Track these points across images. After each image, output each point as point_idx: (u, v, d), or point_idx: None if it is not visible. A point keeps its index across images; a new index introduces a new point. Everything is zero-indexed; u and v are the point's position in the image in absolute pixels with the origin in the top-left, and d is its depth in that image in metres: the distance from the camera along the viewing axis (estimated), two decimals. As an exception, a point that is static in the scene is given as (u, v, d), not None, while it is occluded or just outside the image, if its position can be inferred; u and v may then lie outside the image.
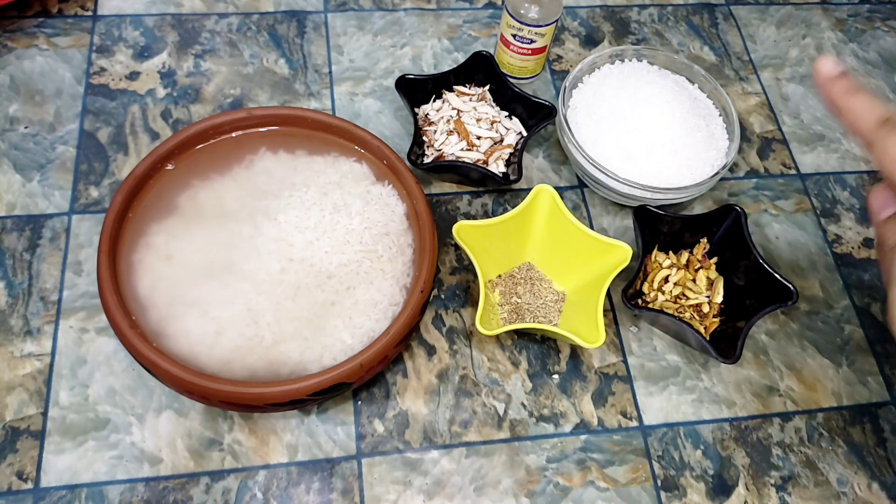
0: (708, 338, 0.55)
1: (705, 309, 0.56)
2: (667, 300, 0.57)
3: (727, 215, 0.57)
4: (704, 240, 0.59)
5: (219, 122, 0.54)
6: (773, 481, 0.53)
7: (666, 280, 0.57)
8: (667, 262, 0.58)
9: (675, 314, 0.56)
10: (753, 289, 0.55)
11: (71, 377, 0.52)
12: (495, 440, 0.52)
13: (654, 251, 0.58)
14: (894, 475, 0.54)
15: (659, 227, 0.58)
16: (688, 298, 0.57)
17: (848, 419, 0.56)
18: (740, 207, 0.56)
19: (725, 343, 0.53)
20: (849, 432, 0.56)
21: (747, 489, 0.52)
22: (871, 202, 0.41)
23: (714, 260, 0.58)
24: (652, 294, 0.57)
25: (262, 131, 0.55)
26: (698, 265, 0.58)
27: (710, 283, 0.57)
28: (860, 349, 0.59)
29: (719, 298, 0.57)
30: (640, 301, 0.57)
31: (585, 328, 0.52)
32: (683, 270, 0.57)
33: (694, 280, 0.57)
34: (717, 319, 0.56)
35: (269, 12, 0.72)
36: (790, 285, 0.53)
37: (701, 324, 0.56)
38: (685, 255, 0.59)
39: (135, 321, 0.46)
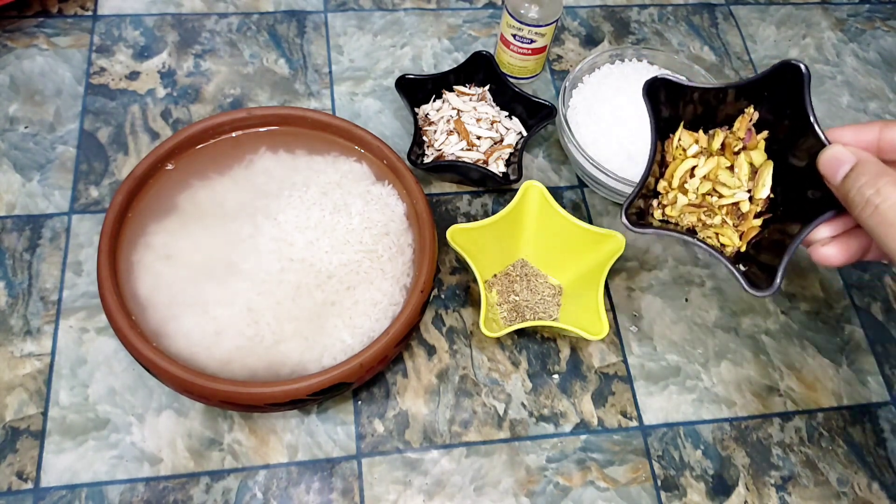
0: (744, 247, 0.41)
1: (744, 207, 0.42)
2: (690, 204, 0.42)
3: (783, 76, 0.40)
4: (751, 108, 0.42)
5: (219, 122, 0.54)
6: (773, 481, 0.53)
7: (692, 174, 0.42)
8: (693, 149, 0.43)
9: (699, 221, 0.42)
10: (813, 175, 0.38)
11: (71, 377, 0.52)
12: (495, 440, 0.52)
13: (679, 131, 0.43)
14: (894, 475, 0.54)
15: (681, 104, 0.42)
16: (721, 196, 0.42)
17: (848, 419, 0.56)
18: (802, 64, 0.39)
19: (764, 259, 0.39)
20: (849, 432, 0.56)
21: (747, 489, 0.52)
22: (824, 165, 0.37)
23: (764, 135, 0.42)
24: (671, 195, 0.43)
25: (262, 131, 0.55)
26: (739, 145, 0.42)
27: (755, 172, 0.42)
28: (860, 349, 0.59)
29: (765, 192, 0.41)
30: (653, 208, 0.43)
31: (587, 321, 0.52)
32: (717, 157, 0.42)
33: (731, 168, 0.42)
34: (759, 220, 0.42)
35: (269, 12, 0.72)
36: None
37: (736, 230, 0.42)
38: (720, 136, 0.42)
39: (135, 321, 0.46)
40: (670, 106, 0.42)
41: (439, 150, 0.61)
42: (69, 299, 0.54)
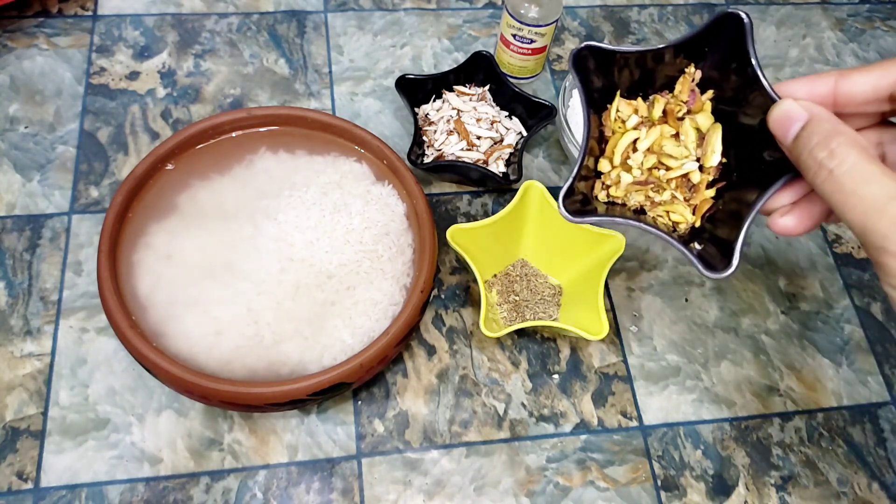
0: (699, 222, 0.37)
1: (695, 178, 0.37)
2: (636, 181, 0.37)
3: (723, 28, 0.35)
4: (691, 67, 0.37)
5: (219, 122, 0.54)
6: (773, 481, 0.53)
7: (634, 148, 0.37)
8: (633, 120, 0.37)
9: (648, 199, 0.37)
10: (766, 133, 0.33)
11: (71, 377, 0.52)
12: (495, 440, 0.52)
13: (615, 102, 0.38)
14: (894, 475, 0.54)
15: (615, 71, 0.37)
16: (668, 169, 0.37)
17: (848, 419, 0.56)
18: (743, 12, 0.34)
19: (721, 233, 0.35)
20: (849, 432, 0.56)
21: (747, 489, 0.52)
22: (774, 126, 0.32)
23: (709, 94, 0.37)
24: (614, 174, 0.37)
25: (262, 131, 0.55)
26: (683, 110, 0.37)
27: (702, 138, 0.37)
28: (860, 349, 0.59)
29: (715, 158, 0.36)
30: (597, 190, 0.38)
31: (587, 320, 0.52)
32: (660, 126, 0.37)
33: (677, 136, 0.37)
34: (712, 191, 0.37)
35: (269, 12, 0.72)
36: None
37: (688, 204, 0.37)
38: (661, 102, 0.37)
39: (135, 321, 0.46)
40: (602, 75, 0.37)
41: (439, 150, 0.61)
42: (69, 299, 0.54)
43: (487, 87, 0.66)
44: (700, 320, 0.59)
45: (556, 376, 0.55)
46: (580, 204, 0.36)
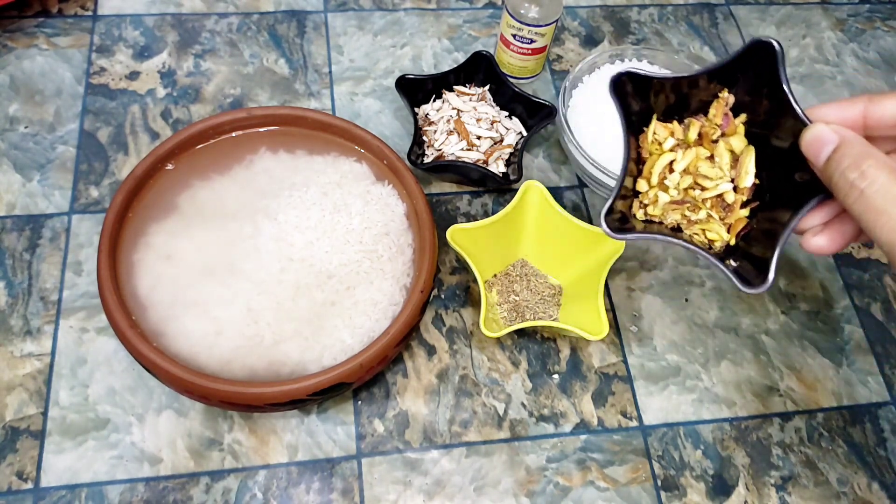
0: (734, 241, 0.39)
1: (729, 198, 0.39)
2: (672, 201, 0.40)
3: (756, 55, 0.37)
4: (725, 92, 0.39)
5: (219, 122, 0.54)
6: (773, 481, 0.53)
7: (671, 169, 0.40)
8: (669, 142, 0.40)
9: (684, 218, 0.40)
10: (798, 155, 0.35)
11: (71, 377, 0.52)
12: (495, 440, 0.52)
13: (652, 125, 0.40)
14: (894, 475, 0.54)
15: (652, 95, 0.40)
16: (704, 189, 0.39)
17: (848, 419, 0.56)
18: (774, 40, 0.36)
19: (756, 251, 0.37)
20: (849, 432, 0.56)
21: (747, 489, 0.52)
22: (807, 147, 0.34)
23: (742, 118, 0.39)
24: (651, 193, 0.40)
25: (262, 131, 0.55)
26: (717, 133, 0.39)
27: (736, 160, 0.39)
28: (860, 349, 0.59)
29: (749, 179, 0.38)
30: (635, 208, 0.40)
31: (587, 320, 0.52)
32: (695, 148, 0.40)
33: (711, 158, 0.39)
34: (746, 210, 0.39)
35: (269, 12, 0.72)
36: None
37: (723, 223, 0.39)
38: (696, 125, 0.40)
39: (135, 321, 0.46)
40: (640, 99, 0.40)
41: (439, 150, 0.61)
42: (69, 299, 0.54)
43: (487, 87, 0.66)
44: (700, 320, 0.59)
45: (556, 376, 0.55)
46: (619, 222, 0.38)
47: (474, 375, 0.55)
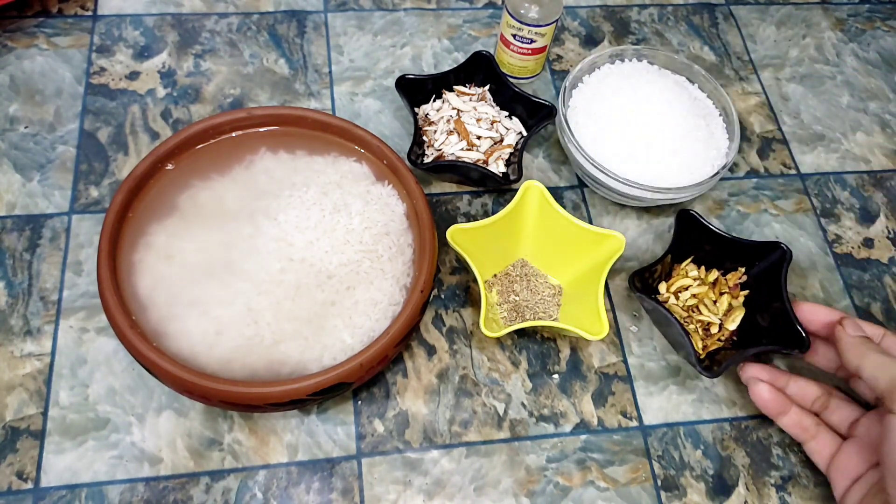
0: (703, 355, 0.54)
1: (713, 330, 0.55)
2: (678, 306, 0.56)
3: (773, 251, 0.55)
4: (742, 270, 0.57)
5: (219, 122, 0.54)
6: (773, 481, 0.53)
7: (686, 289, 0.56)
8: (693, 273, 0.57)
9: (680, 321, 0.53)
10: (773, 331, 0.53)
11: (71, 377, 0.52)
12: (495, 440, 0.52)
13: (687, 261, 0.58)
14: (894, 475, 0.54)
15: (698, 238, 0.56)
16: (700, 313, 0.55)
17: (848, 419, 0.56)
18: (786, 246, 0.54)
19: (717, 357, 0.53)
20: (849, 432, 0.56)
21: (747, 489, 0.52)
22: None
23: (745, 293, 0.57)
24: (665, 295, 0.56)
25: (262, 131, 0.55)
26: (725, 290, 0.56)
27: (730, 309, 0.56)
28: (860, 349, 0.59)
29: (733, 326, 0.55)
30: (649, 294, 0.55)
31: (587, 320, 0.52)
32: (708, 288, 0.56)
33: (715, 301, 0.56)
34: (720, 343, 0.55)
35: (269, 12, 0.72)
36: (805, 336, 0.51)
37: (702, 341, 0.55)
38: (715, 274, 0.57)
39: (135, 321, 0.46)
40: (690, 237, 0.57)
41: (439, 150, 0.61)
42: (69, 299, 0.54)
43: (487, 87, 0.66)
44: (700, 320, 0.59)
45: (556, 376, 0.55)
46: (641, 283, 0.55)
47: (474, 375, 0.55)
